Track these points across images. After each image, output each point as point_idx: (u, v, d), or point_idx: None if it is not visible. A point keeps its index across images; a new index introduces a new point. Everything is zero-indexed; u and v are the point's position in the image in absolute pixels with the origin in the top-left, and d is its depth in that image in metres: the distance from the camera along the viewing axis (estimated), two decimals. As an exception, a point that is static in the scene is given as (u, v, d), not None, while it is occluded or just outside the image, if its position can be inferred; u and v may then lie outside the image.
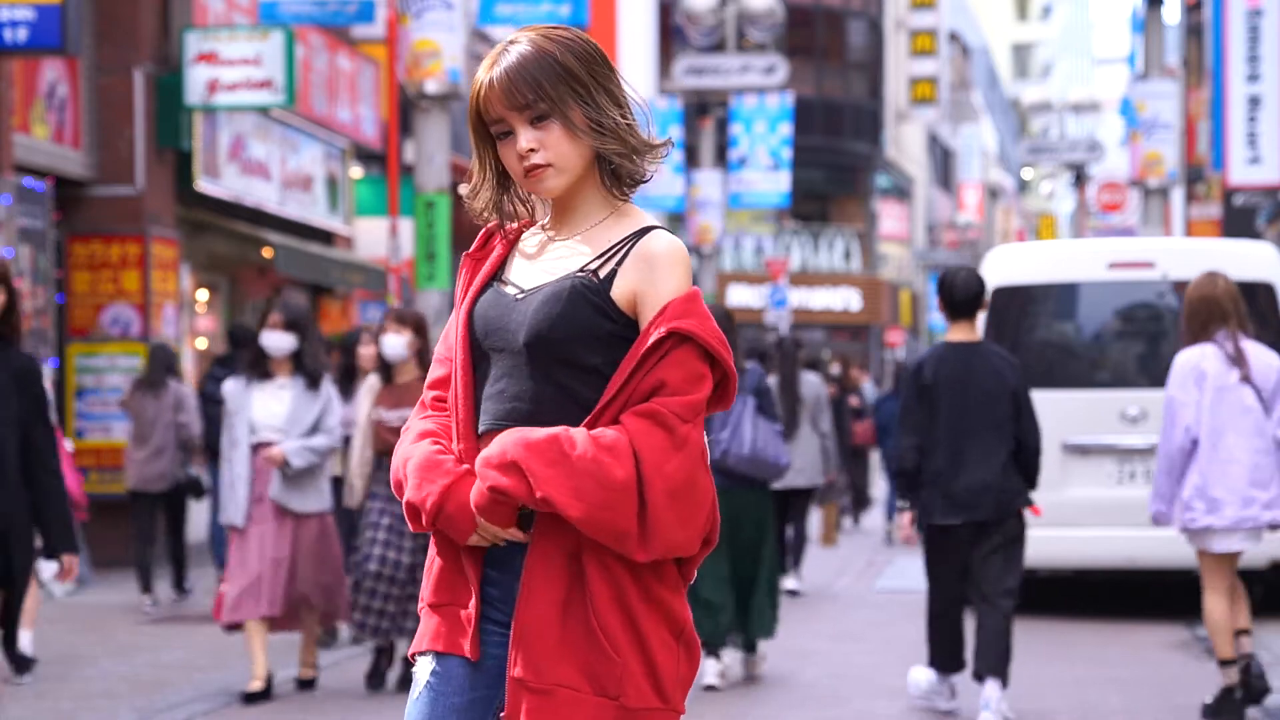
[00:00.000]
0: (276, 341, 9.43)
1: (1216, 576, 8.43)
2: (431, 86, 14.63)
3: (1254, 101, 22.00)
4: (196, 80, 15.77)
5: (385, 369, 9.65)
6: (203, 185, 16.67)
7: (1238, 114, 22.06)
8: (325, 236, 20.71)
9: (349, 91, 20.16)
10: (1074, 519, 12.32)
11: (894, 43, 47.01)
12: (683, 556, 3.32)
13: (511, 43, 3.36)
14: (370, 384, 9.75)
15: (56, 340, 15.35)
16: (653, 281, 3.30)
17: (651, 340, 3.24)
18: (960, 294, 8.74)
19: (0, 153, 13.67)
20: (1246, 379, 8.32)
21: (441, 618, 3.40)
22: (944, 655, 8.84)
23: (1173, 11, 39.56)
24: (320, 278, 20.12)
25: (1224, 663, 8.42)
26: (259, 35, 15.81)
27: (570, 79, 3.31)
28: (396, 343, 9.52)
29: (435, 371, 3.49)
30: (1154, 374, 12.72)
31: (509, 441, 3.26)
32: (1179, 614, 12.62)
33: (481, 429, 3.36)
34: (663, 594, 3.32)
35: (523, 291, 3.37)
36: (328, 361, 10.34)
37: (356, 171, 21.34)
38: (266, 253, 18.41)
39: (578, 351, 3.29)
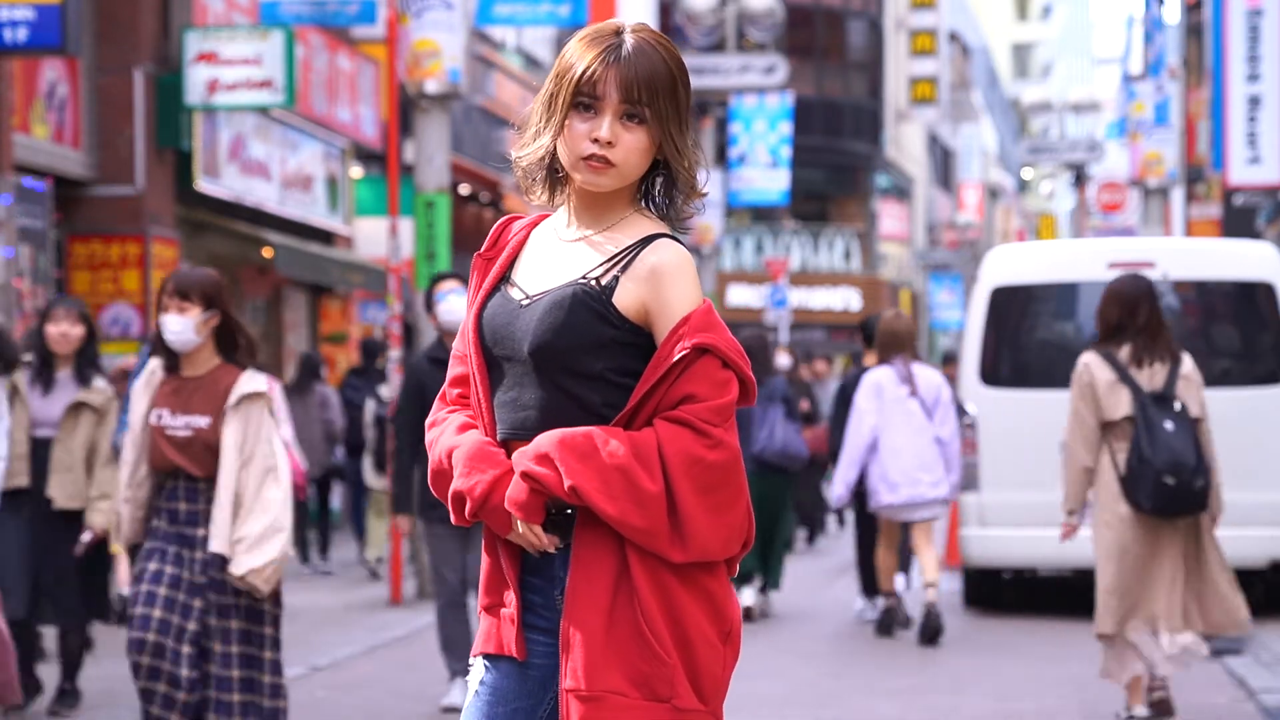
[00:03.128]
0: None
1: (889, 537, 11.98)
2: (431, 86, 14.64)
3: (1254, 101, 22.00)
4: (196, 80, 15.76)
5: (170, 356, 6.94)
6: (203, 185, 16.67)
7: (1238, 114, 22.06)
8: (325, 236, 20.71)
9: (349, 91, 20.16)
10: (1074, 519, 12.31)
11: (894, 43, 46.98)
12: (722, 559, 3.31)
13: (637, 34, 3.31)
14: (150, 374, 7.03)
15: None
16: (661, 295, 3.29)
17: (677, 356, 3.25)
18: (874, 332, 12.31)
19: (0, 153, 13.66)
20: (914, 393, 11.57)
21: (490, 619, 3.41)
22: (867, 583, 12.72)
23: (1173, 11, 39.53)
24: (320, 278, 20.14)
25: (886, 594, 11.99)
26: (259, 35, 15.80)
27: (674, 100, 3.31)
28: (181, 325, 6.82)
29: (455, 368, 3.47)
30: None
31: (544, 437, 3.27)
32: (1179, 614, 12.61)
33: (500, 437, 3.37)
34: (714, 590, 3.30)
35: (528, 297, 3.35)
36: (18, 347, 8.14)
37: (356, 171, 21.34)
38: (266, 253, 18.42)
39: (582, 359, 3.28)
